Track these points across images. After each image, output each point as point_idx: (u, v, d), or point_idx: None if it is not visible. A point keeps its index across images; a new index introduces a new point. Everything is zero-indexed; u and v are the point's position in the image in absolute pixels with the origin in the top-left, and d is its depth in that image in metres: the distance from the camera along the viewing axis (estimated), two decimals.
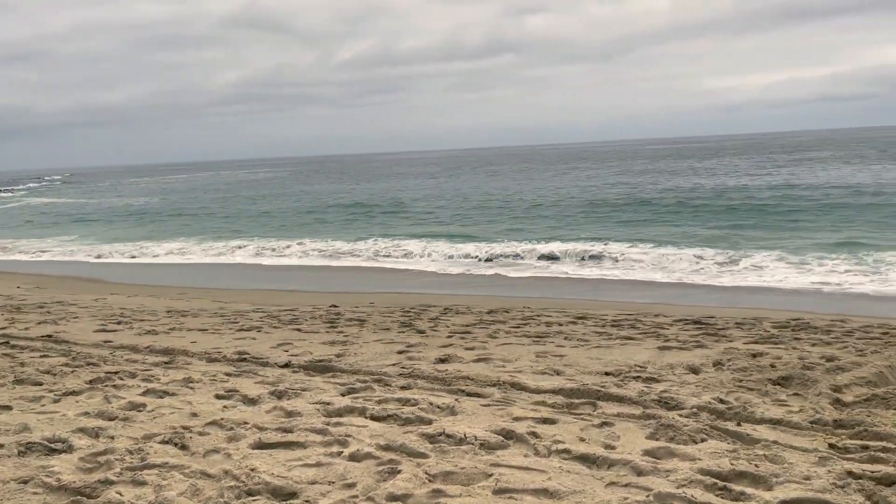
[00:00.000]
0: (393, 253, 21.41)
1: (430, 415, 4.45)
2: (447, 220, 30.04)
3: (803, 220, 25.01)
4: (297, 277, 17.61)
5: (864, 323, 8.65)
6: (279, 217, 35.55)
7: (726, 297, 13.32)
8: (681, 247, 20.10)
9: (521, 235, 23.89)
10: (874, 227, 21.79)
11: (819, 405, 4.57)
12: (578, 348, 7.15)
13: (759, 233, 22.57)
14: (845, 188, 35.02)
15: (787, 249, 18.97)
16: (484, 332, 8.18)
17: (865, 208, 26.44)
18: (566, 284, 15.49)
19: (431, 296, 13.69)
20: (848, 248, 18.47)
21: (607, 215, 29.42)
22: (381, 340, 7.68)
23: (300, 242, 24.29)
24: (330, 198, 48.25)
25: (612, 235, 23.17)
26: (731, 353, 6.59)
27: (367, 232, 26.96)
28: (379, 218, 32.90)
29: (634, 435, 3.97)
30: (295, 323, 9.17)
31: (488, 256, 19.94)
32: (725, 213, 28.10)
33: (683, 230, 23.89)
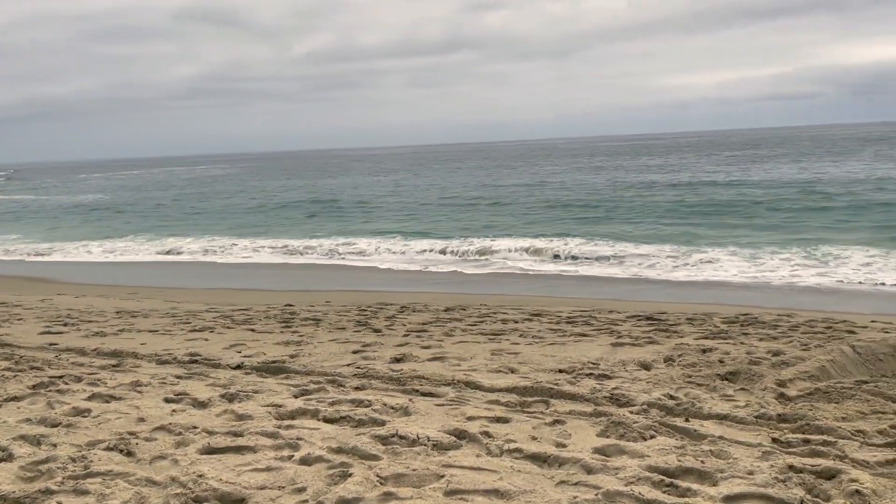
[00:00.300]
0: (350, 250, 21.29)
1: (383, 416, 4.43)
2: (406, 217, 29.97)
3: (755, 216, 25.63)
4: (253, 275, 17.38)
5: (809, 317, 8.90)
6: (234, 214, 35.03)
7: (680, 292, 13.58)
8: (637, 243, 20.43)
9: (480, 232, 23.98)
10: (822, 223, 22.46)
11: (764, 400, 4.69)
12: (533, 345, 7.19)
13: (713, 230, 23.05)
14: (794, 185, 36.01)
15: (740, 244, 19.44)
16: (440, 330, 8.18)
17: (813, 204, 27.22)
18: (524, 280, 15.61)
19: (389, 293, 13.65)
20: (798, 243, 19.02)
21: (565, 212, 29.71)
22: (336, 340, 7.62)
23: (254, 240, 24.00)
24: (287, 194, 47.74)
25: (570, 231, 23.43)
26: (682, 348, 6.70)
27: (323, 229, 26.76)
28: (336, 215, 32.67)
29: (585, 433, 4.01)
30: (249, 323, 9.04)
31: (446, 252, 19.97)
32: (681, 210, 28.63)
33: (639, 226, 24.26)
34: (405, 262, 18.98)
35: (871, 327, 8.03)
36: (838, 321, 8.45)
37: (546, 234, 22.64)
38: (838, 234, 20.02)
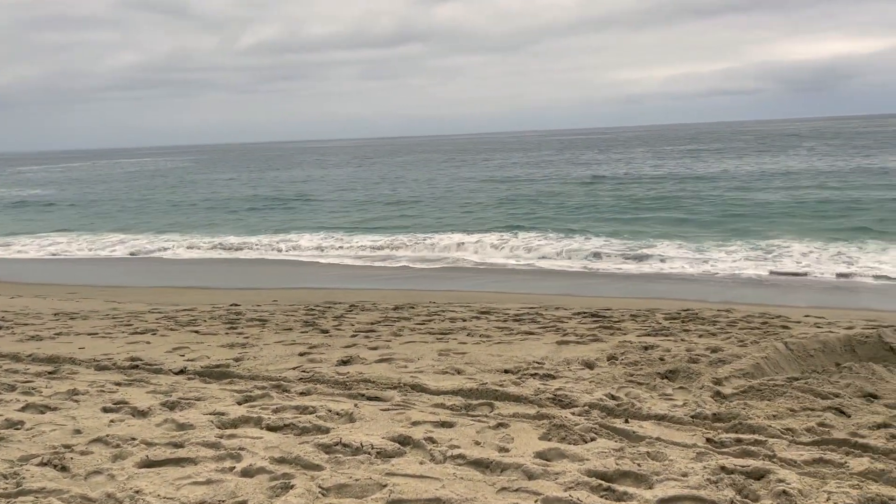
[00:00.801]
0: (297, 245, 21.07)
1: (327, 423, 4.41)
2: (355, 212, 29.78)
3: (700, 209, 26.27)
4: (197, 272, 17.04)
5: (747, 312, 9.19)
6: (178, 208, 34.28)
7: (626, 286, 13.83)
8: (587, 236, 20.74)
9: (431, 227, 23.99)
10: (766, 215, 23.14)
11: (701, 398, 4.82)
12: (480, 345, 7.25)
13: (660, 223, 23.54)
14: (739, 178, 37.02)
15: (686, 237, 19.93)
16: (388, 329, 8.17)
17: (755, 198, 28.04)
18: (474, 276, 15.68)
19: (338, 291, 13.56)
20: (741, 235, 19.60)
21: (515, 206, 29.94)
22: (282, 342, 7.54)
23: (199, 236, 23.54)
24: (232, 188, 46.92)
25: (520, 224, 23.63)
26: (625, 346, 6.85)
27: (269, 223, 26.40)
28: (284, 209, 32.26)
29: (528, 436, 4.06)
30: (193, 324, 8.88)
31: (395, 247, 19.93)
32: (629, 204, 29.15)
33: (589, 220, 24.61)
34: (353, 259, 18.89)
35: (804, 322, 8.34)
36: (774, 316, 8.75)
37: (497, 229, 22.80)
38: (779, 227, 20.69)
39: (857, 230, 19.41)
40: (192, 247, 21.53)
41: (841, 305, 11.55)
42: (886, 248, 16.88)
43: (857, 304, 11.61)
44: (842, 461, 3.50)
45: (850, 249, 16.80)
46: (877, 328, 7.41)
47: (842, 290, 13.30)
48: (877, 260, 15.78)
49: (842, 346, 6.14)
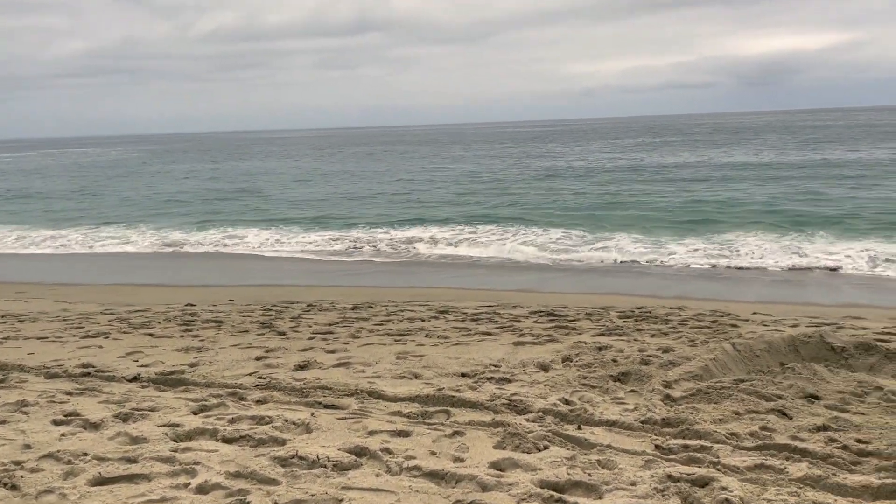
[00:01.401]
0: (252, 240, 20.83)
1: (284, 433, 4.42)
2: (311, 205, 29.52)
3: (656, 202, 26.72)
4: (151, 268, 16.75)
5: (698, 309, 9.42)
6: (130, 200, 33.54)
7: (583, 281, 14.01)
8: (545, 228, 20.96)
9: (386, 220, 23.93)
10: (718, 210, 23.64)
11: (651, 402, 4.96)
12: (438, 346, 7.31)
13: (617, 218, 23.88)
14: (694, 167, 37.75)
15: (644, 229, 20.30)
16: (346, 331, 8.17)
17: (710, 192, 28.63)
18: (434, 271, 15.71)
19: (296, 289, 13.47)
20: (698, 227, 20.04)
21: (475, 198, 30.05)
22: (238, 345, 7.49)
23: (151, 229, 23.10)
24: (185, 180, 46.08)
25: (481, 217, 23.74)
26: (580, 346, 6.98)
27: (223, 217, 26.01)
28: (239, 201, 31.83)
29: (483, 445, 4.13)
30: (147, 326, 8.75)
31: (353, 241, 19.86)
32: (586, 198, 29.50)
33: (546, 212, 24.84)
34: (310, 254, 18.76)
35: (751, 320, 8.60)
36: (724, 314, 8.99)
37: (454, 222, 22.88)
38: (733, 221, 21.19)
39: (807, 223, 20.00)
40: (144, 241, 21.14)
41: (789, 300, 11.92)
42: (834, 241, 17.45)
43: (803, 299, 11.98)
44: (782, 467, 3.65)
45: (802, 243, 17.34)
46: (819, 328, 7.69)
47: (791, 283, 13.72)
48: (825, 251, 16.31)
49: (786, 346, 6.35)
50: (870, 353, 6.29)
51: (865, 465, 3.78)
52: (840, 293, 12.65)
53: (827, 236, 18.08)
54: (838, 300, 11.91)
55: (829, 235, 18.22)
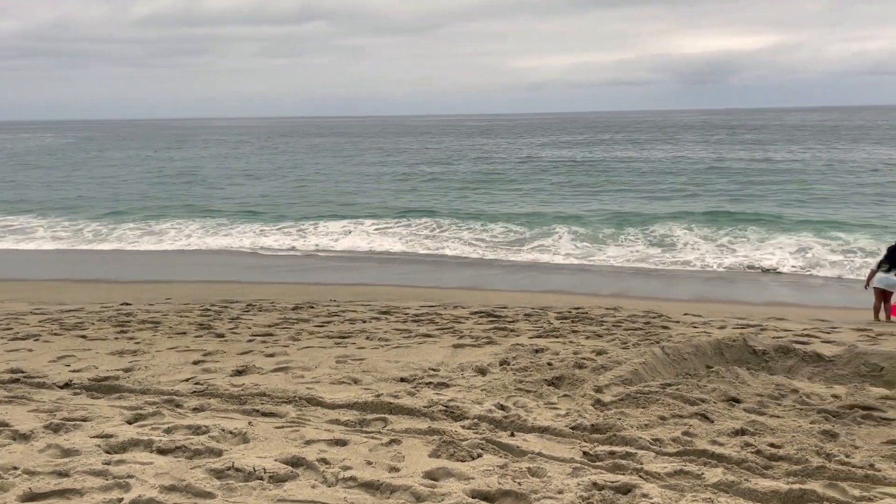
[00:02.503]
0: (196, 232, 20.45)
1: (221, 444, 4.42)
2: (256, 198, 29.09)
3: (601, 196, 27.25)
4: (85, 263, 16.28)
5: (633, 310, 9.73)
6: (65, 188, 32.42)
7: (525, 278, 14.24)
8: (486, 223, 21.14)
9: (333, 212, 23.78)
10: (660, 204, 24.26)
11: (583, 407, 5.14)
12: (379, 349, 7.37)
13: (560, 206, 24.27)
14: (633, 163, 38.59)
15: (587, 223, 20.66)
16: (286, 333, 8.15)
17: (651, 187, 29.35)
18: (376, 267, 15.73)
19: (238, 285, 13.32)
20: (636, 224, 20.52)
21: (416, 192, 30.08)
22: (175, 348, 7.40)
23: (78, 219, 22.41)
24: (123, 167, 44.76)
25: (420, 209, 23.77)
26: (517, 349, 7.14)
27: (163, 208, 25.42)
28: (181, 191, 31.14)
29: (419, 453, 4.23)
30: (80, 327, 8.54)
31: (290, 234, 19.69)
32: (529, 189, 29.87)
33: (490, 205, 25.06)
34: (257, 246, 18.54)
35: (682, 321, 8.94)
36: (656, 315, 9.31)
37: (392, 215, 22.84)
38: (672, 214, 21.79)
39: (739, 220, 20.70)
40: (71, 232, 20.53)
41: (719, 298, 12.40)
42: (765, 238, 18.14)
43: (732, 297, 12.48)
44: (699, 472, 3.85)
45: (736, 240, 17.99)
46: (744, 330, 8.05)
47: (722, 280, 14.24)
48: (755, 248, 16.97)
49: (712, 349, 6.64)
50: (788, 355, 6.63)
51: (776, 469, 4.02)
52: (767, 291, 13.21)
53: (759, 231, 18.79)
54: (765, 298, 12.44)
55: (761, 231, 18.94)
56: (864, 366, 6.36)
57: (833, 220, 20.34)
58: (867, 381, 6.07)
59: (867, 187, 28.17)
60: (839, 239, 17.63)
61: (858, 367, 6.37)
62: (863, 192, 26.75)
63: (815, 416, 5.07)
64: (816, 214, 21.81)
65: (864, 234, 18.12)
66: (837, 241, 17.40)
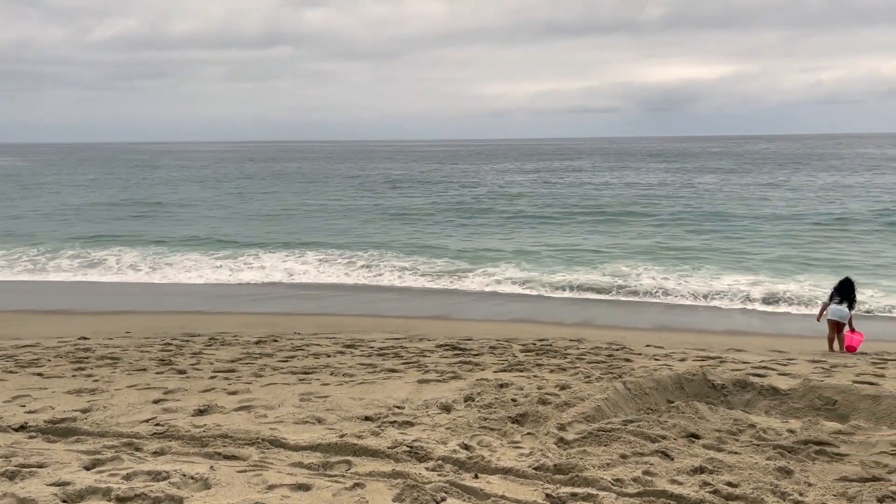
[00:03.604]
0: (158, 262, 20.14)
1: (181, 490, 4.35)
2: (216, 225, 28.79)
3: (571, 223, 27.53)
4: (40, 293, 15.92)
5: (596, 342, 9.85)
6: (26, 218, 31.71)
7: (493, 307, 14.29)
8: (449, 260, 21.06)
9: (293, 240, 23.65)
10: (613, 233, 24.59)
11: (546, 446, 5.19)
12: (343, 385, 7.34)
13: (537, 236, 24.42)
14: (601, 189, 39.15)
15: (531, 260, 20.64)
16: (249, 369, 8.07)
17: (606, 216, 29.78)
18: (343, 297, 15.65)
19: (200, 316, 13.15)
20: (589, 261, 20.68)
21: (382, 222, 30.11)
22: (135, 386, 7.27)
23: (33, 247, 21.94)
24: (79, 193, 43.95)
25: (385, 241, 23.78)
26: (482, 384, 7.18)
27: (122, 236, 25.02)
28: (139, 219, 30.70)
29: (382, 498, 4.22)
30: (35, 364, 8.34)
31: (237, 261, 19.51)
32: (477, 218, 30.06)
33: (453, 238, 25.17)
34: (221, 276, 18.32)
35: (644, 353, 9.07)
36: (619, 347, 9.44)
37: (357, 245, 22.81)
38: (622, 244, 22.08)
39: (693, 255, 21.03)
40: (7, 262, 20.06)
41: (679, 327, 12.60)
42: (720, 274, 18.29)
43: (693, 326, 12.70)
44: None
45: (694, 271, 18.24)
46: (704, 363, 8.21)
47: (683, 308, 14.47)
48: (709, 281, 17.19)
49: (673, 384, 6.77)
50: (746, 389, 6.79)
51: None
52: (726, 319, 13.45)
53: (711, 268, 18.92)
54: (725, 327, 12.68)
55: (714, 267, 19.08)
56: (819, 399, 6.55)
57: (783, 255, 20.78)
58: (821, 415, 6.25)
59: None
60: (792, 273, 18.00)
61: (813, 400, 6.55)
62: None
63: (772, 451, 5.19)
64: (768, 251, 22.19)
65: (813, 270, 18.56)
66: (792, 275, 17.76)
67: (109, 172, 68.62)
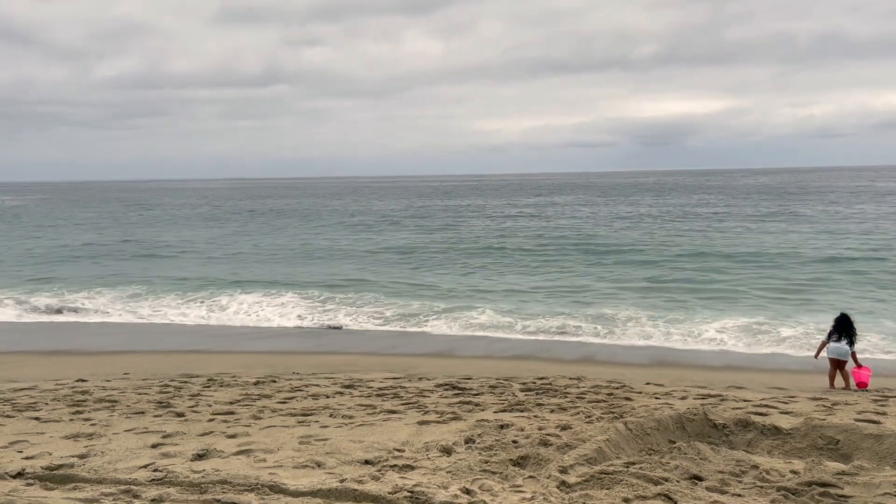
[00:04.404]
0: (154, 303, 20.08)
1: None
2: (220, 263, 28.79)
3: (568, 258, 27.55)
4: (35, 334, 15.84)
5: (596, 380, 9.81)
6: (14, 257, 31.67)
7: (486, 345, 14.22)
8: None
9: (288, 280, 23.65)
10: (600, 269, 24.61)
11: (548, 489, 5.15)
12: (342, 427, 7.29)
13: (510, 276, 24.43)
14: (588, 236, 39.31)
15: (515, 301, 20.56)
16: (248, 411, 8.02)
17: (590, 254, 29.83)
18: (341, 337, 15.59)
19: (196, 356, 13.08)
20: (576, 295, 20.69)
21: (378, 260, 30.16)
22: (133, 430, 7.21)
23: (28, 290, 21.91)
24: (78, 233, 43.95)
25: (375, 280, 23.75)
26: (483, 425, 7.12)
27: (121, 277, 25.00)
28: (137, 259, 30.70)
29: None
30: (33, 408, 8.27)
31: (255, 304, 19.48)
32: (484, 255, 30.12)
33: (427, 270, 25.17)
34: (221, 318, 18.27)
35: (645, 391, 9.03)
36: (619, 385, 9.40)
37: (367, 288, 22.77)
38: (610, 285, 22.08)
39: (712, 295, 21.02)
40: (22, 303, 19.98)
41: (679, 363, 12.54)
42: (719, 316, 17.94)
43: (693, 362, 12.64)
44: None
45: (689, 310, 18.16)
46: (704, 401, 8.18)
47: (681, 344, 14.39)
48: (707, 321, 16.99)
49: (674, 423, 6.73)
50: (748, 429, 6.75)
51: None
52: (725, 355, 13.39)
53: (711, 311, 18.53)
54: (724, 362, 12.62)
55: (713, 311, 18.71)
56: (821, 438, 6.51)
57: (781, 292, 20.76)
58: (824, 455, 6.22)
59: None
60: (790, 314, 17.90)
61: (815, 439, 6.52)
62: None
63: (776, 493, 5.15)
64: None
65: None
66: (789, 314, 17.62)
67: (107, 212, 68.71)
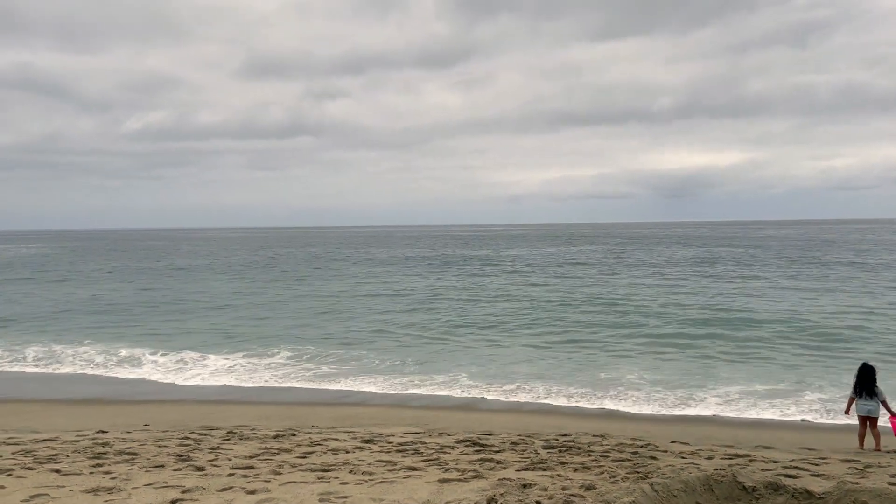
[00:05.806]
0: (172, 358, 20.16)
1: None
2: (232, 321, 28.92)
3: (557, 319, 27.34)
4: (53, 384, 15.93)
5: (620, 438, 9.62)
6: (37, 307, 32.06)
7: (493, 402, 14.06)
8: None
9: (300, 335, 23.65)
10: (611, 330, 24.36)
11: None
12: (363, 484, 7.19)
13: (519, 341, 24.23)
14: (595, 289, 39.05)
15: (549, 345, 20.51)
16: (268, 466, 7.95)
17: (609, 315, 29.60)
18: (355, 383, 15.49)
19: (217, 406, 13.05)
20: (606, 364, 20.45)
21: (397, 309, 30.12)
22: (153, 484, 7.16)
23: (66, 344, 22.10)
24: (100, 284, 44.42)
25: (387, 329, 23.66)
26: (505, 484, 6.99)
27: (148, 329, 25.19)
28: (161, 313, 30.94)
29: None
30: (54, 461, 8.26)
31: (266, 357, 19.47)
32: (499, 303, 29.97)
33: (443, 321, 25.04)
34: (244, 373, 18.26)
35: (670, 450, 8.83)
36: (643, 444, 9.21)
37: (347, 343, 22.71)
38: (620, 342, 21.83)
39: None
40: (49, 356, 20.14)
41: (704, 418, 12.28)
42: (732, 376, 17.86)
43: (717, 417, 12.37)
44: None
45: (710, 369, 17.90)
46: (732, 461, 7.98)
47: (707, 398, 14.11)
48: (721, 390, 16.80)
49: (701, 485, 6.55)
50: (778, 492, 6.55)
51: None
52: (750, 410, 13.08)
53: (727, 371, 18.57)
54: (750, 416, 12.34)
55: (728, 371, 18.75)
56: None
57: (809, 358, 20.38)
58: None
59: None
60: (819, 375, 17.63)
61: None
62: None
63: None
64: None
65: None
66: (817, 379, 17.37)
67: (128, 263, 69.51)
